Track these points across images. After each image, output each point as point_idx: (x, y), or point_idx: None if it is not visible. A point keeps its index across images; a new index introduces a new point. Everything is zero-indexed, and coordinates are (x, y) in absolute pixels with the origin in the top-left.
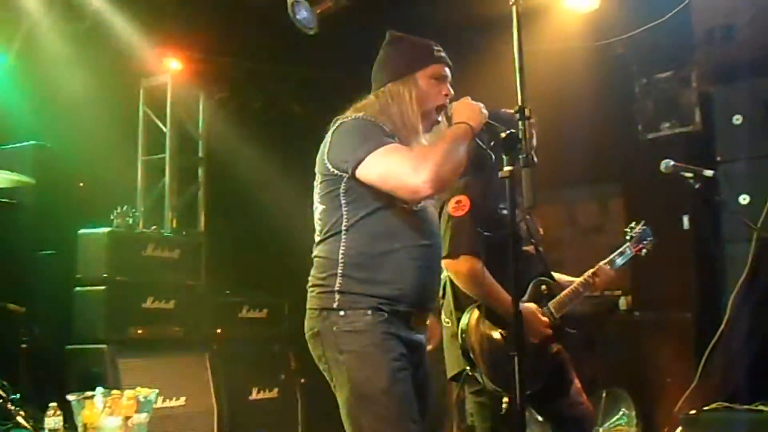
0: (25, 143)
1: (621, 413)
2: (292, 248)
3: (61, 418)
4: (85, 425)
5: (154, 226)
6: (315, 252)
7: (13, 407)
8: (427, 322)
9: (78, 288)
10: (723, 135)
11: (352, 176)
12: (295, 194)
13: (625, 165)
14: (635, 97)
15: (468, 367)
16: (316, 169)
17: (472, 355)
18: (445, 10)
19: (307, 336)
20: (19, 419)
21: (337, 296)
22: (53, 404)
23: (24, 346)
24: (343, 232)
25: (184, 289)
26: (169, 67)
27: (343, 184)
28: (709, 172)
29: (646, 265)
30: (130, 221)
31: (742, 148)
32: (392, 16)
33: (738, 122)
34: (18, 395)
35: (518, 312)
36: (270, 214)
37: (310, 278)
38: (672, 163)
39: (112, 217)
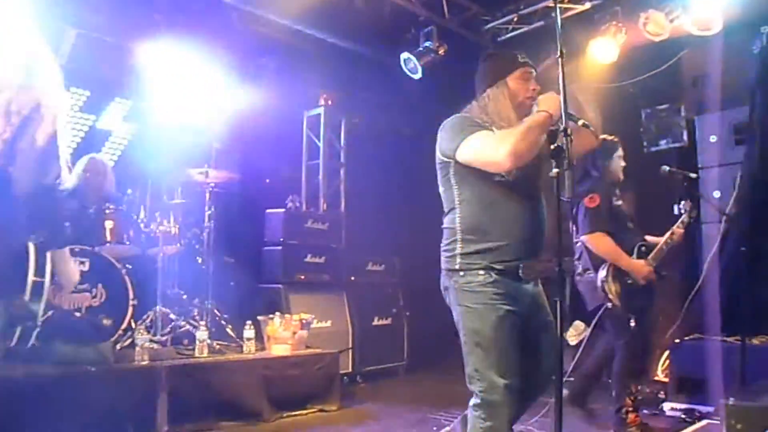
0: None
1: None
2: (403, 224)
3: (253, 330)
4: (268, 336)
5: (312, 208)
6: (443, 224)
7: (224, 323)
8: (537, 272)
9: (265, 247)
10: (703, 149)
11: (455, 160)
12: (406, 187)
13: (635, 170)
14: (641, 122)
15: (607, 302)
16: (436, 161)
17: (610, 295)
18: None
19: (441, 289)
20: (228, 331)
21: (458, 259)
22: (249, 322)
23: (232, 283)
24: (457, 207)
25: (331, 249)
26: (323, 102)
27: (451, 168)
28: (693, 175)
29: None
30: (297, 204)
31: (716, 158)
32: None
33: (713, 141)
34: (227, 315)
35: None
36: (388, 202)
37: (441, 245)
38: (668, 168)
39: (286, 201)
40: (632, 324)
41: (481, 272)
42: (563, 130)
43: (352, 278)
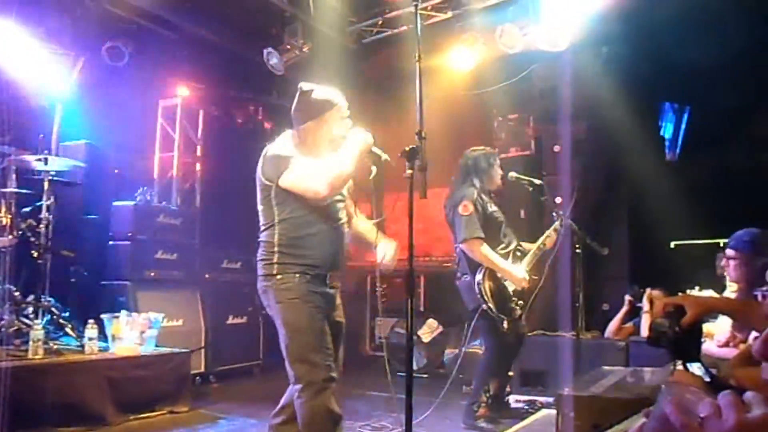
0: (79, 141)
1: None
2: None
3: (96, 330)
4: (113, 336)
5: (164, 202)
6: (260, 237)
7: (63, 321)
8: (337, 281)
9: (111, 242)
10: (547, 158)
11: (277, 184)
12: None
13: None
14: (494, 130)
15: (483, 304)
16: (257, 181)
17: (485, 297)
18: (370, 65)
19: (260, 293)
20: (67, 330)
21: (276, 266)
22: (91, 321)
23: (73, 280)
24: (276, 224)
25: (184, 245)
26: (180, 93)
27: (272, 191)
28: (538, 181)
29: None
30: (148, 198)
31: (559, 166)
32: (342, 66)
33: (557, 150)
34: (67, 313)
35: None
36: (246, 199)
37: (258, 255)
38: (515, 174)
39: (136, 194)
40: (504, 325)
41: (297, 274)
42: (418, 133)
43: (207, 276)
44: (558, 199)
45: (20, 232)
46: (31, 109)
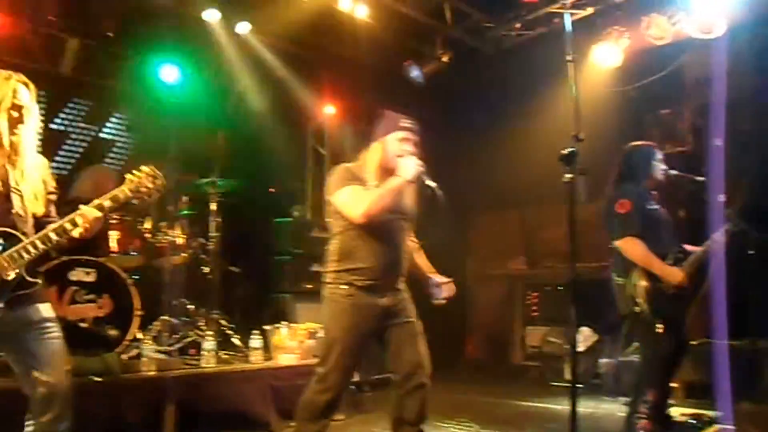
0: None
1: None
2: None
3: (261, 340)
4: (275, 346)
5: (318, 217)
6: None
7: (231, 332)
8: (401, 286)
9: (272, 257)
10: (707, 153)
11: (333, 203)
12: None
13: None
14: (644, 127)
15: (636, 307)
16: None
17: (639, 300)
18: (510, 67)
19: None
20: (234, 340)
21: (329, 275)
22: (256, 332)
23: (238, 293)
24: (336, 236)
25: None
26: (326, 111)
27: (333, 206)
28: (700, 179)
29: None
30: (303, 214)
31: (720, 163)
32: (481, 73)
33: (718, 144)
34: (234, 325)
35: None
36: None
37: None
38: (675, 172)
39: (292, 211)
40: (660, 330)
41: (345, 285)
42: (575, 134)
43: None
44: (721, 198)
45: (192, 251)
46: (198, 135)
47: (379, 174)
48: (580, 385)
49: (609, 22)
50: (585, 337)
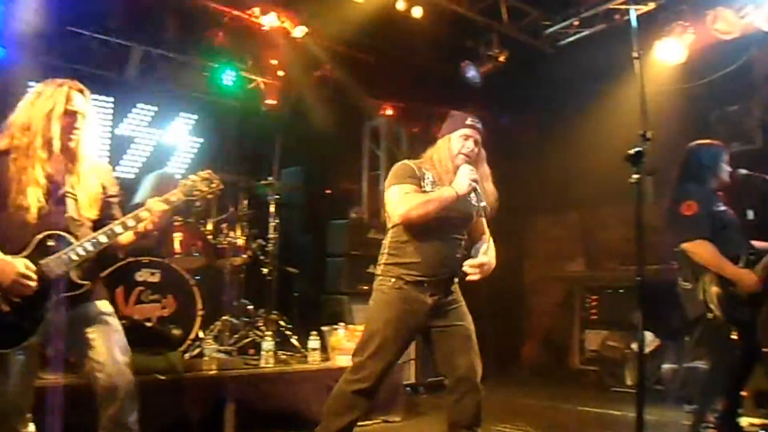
0: (296, 167)
1: None
2: None
3: (318, 341)
4: (332, 347)
5: (374, 219)
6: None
7: (289, 333)
8: (452, 287)
9: (328, 258)
10: None
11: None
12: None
13: None
14: (711, 124)
15: (709, 313)
16: None
17: (711, 305)
18: (567, 66)
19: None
20: (293, 341)
21: (380, 267)
22: (314, 332)
23: (296, 294)
24: (390, 228)
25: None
26: (382, 113)
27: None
28: None
29: None
30: (360, 215)
31: None
32: (538, 71)
33: None
34: (291, 326)
35: None
36: None
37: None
38: (744, 171)
39: (351, 213)
40: (733, 337)
41: (393, 278)
42: (642, 133)
43: None
44: None
45: (251, 252)
46: (257, 139)
47: (440, 171)
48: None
49: (672, 17)
50: (647, 342)
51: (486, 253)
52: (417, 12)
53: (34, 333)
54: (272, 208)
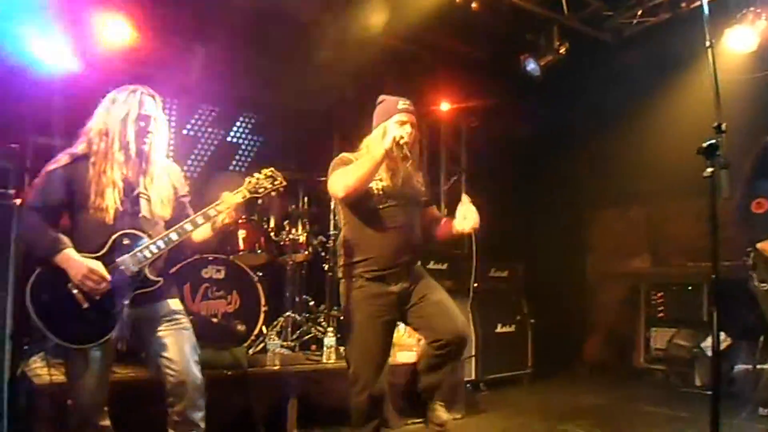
0: None
1: None
2: (527, 229)
3: None
4: (393, 343)
5: None
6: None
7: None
8: (414, 271)
9: None
10: None
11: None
12: (525, 192)
13: None
14: None
15: None
16: None
17: None
18: (631, 56)
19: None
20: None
21: (340, 270)
22: None
23: None
24: (342, 227)
25: (454, 256)
26: (441, 109)
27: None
28: None
29: None
30: None
31: None
32: (597, 62)
33: None
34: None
35: None
36: (510, 207)
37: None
38: None
39: None
40: None
41: (354, 278)
42: (717, 125)
43: (476, 285)
44: None
45: (312, 248)
46: (312, 133)
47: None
48: (710, 392)
49: (743, 4)
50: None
51: (466, 215)
52: (474, 5)
53: (113, 329)
54: (332, 205)
